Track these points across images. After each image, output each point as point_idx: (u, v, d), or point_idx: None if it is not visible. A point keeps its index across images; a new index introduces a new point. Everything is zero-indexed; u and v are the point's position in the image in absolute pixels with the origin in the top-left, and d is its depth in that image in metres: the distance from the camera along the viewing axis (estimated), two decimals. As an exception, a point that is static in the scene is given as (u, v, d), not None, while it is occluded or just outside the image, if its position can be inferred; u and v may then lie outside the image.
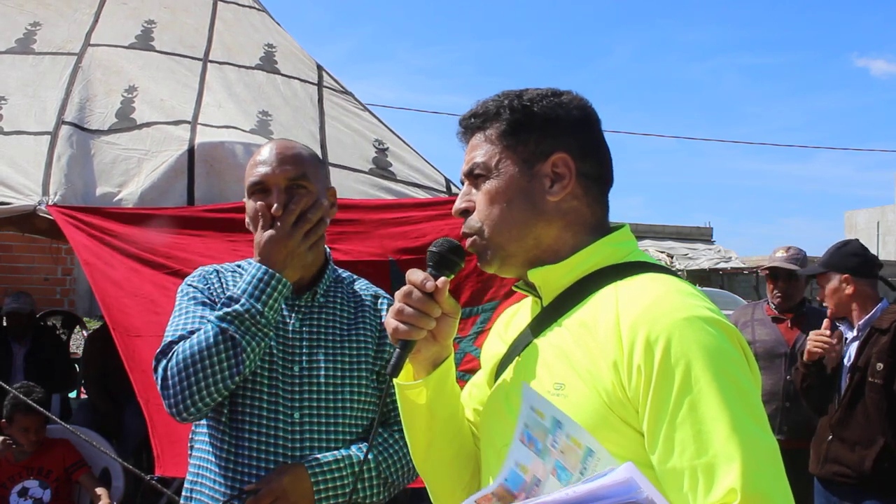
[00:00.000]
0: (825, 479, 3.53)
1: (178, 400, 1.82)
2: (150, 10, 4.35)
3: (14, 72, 3.84)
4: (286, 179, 1.95)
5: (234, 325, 1.82)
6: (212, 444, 1.95)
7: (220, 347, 1.81)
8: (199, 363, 1.81)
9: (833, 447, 3.46)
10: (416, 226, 3.50)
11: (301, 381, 1.95)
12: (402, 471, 2.01)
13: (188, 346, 1.82)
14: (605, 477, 1.05)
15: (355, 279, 2.16)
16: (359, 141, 4.03)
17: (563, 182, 1.33)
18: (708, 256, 21.84)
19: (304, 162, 2.01)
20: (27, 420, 4.03)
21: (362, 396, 2.00)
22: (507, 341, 1.45)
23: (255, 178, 1.96)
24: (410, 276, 1.35)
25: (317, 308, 2.03)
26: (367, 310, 2.08)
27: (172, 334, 1.90)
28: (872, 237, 29.73)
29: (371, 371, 2.02)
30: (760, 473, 1.10)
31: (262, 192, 1.95)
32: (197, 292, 1.99)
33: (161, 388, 1.85)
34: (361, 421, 2.00)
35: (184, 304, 1.98)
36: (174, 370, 1.82)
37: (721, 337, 1.17)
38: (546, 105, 1.36)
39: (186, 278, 2.05)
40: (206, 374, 1.81)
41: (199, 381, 1.81)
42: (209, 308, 1.95)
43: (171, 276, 3.07)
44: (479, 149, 1.37)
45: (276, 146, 2.03)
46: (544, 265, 1.34)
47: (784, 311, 4.34)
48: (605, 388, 1.19)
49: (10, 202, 3.26)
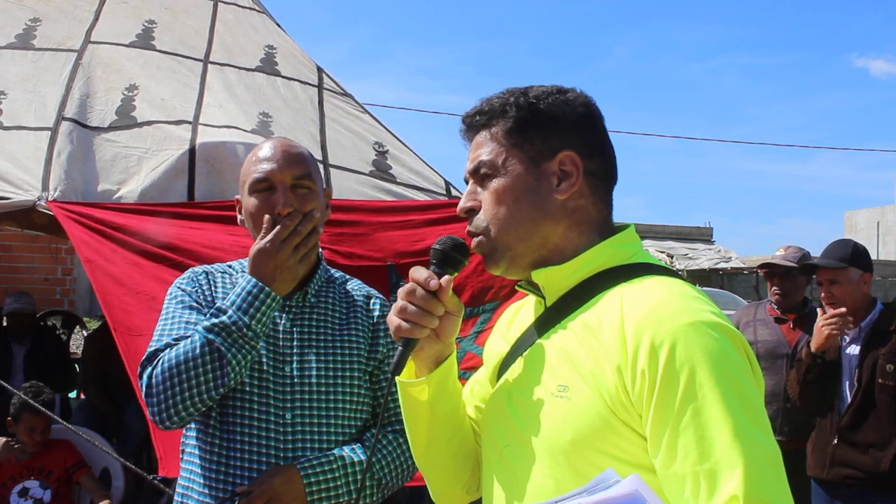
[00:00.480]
0: (830, 483, 3.51)
1: (161, 409, 1.82)
2: (150, 10, 4.34)
3: (14, 66, 3.82)
4: (292, 178, 1.95)
5: (220, 337, 1.81)
6: (203, 445, 1.93)
7: (206, 359, 1.80)
8: (184, 373, 1.80)
9: (840, 450, 3.44)
10: (416, 230, 3.50)
11: (293, 382, 1.93)
12: (396, 472, 2.00)
13: (173, 356, 1.81)
14: (611, 489, 1.04)
15: (348, 279, 2.14)
16: (359, 143, 4.02)
17: (571, 180, 1.32)
18: (708, 256, 21.84)
19: (307, 161, 2.01)
20: (35, 420, 4.03)
21: (354, 397, 1.99)
22: (510, 340, 1.44)
23: (260, 174, 1.95)
24: (414, 273, 1.35)
25: (308, 308, 2.01)
26: (360, 310, 2.06)
27: (158, 341, 1.89)
28: (872, 237, 29.74)
29: (363, 371, 2.01)
30: (763, 480, 1.10)
31: (267, 191, 1.94)
32: (185, 295, 1.97)
33: (145, 396, 1.85)
34: (354, 421, 1.99)
35: (171, 309, 1.96)
36: (158, 378, 1.81)
37: (725, 342, 1.17)
38: (552, 102, 1.35)
39: (176, 280, 2.04)
40: (191, 385, 1.80)
41: (182, 392, 1.80)
42: (197, 312, 1.93)
43: (174, 268, 3.06)
44: (485, 147, 1.36)
45: (279, 144, 2.02)
46: (549, 265, 1.33)
47: (785, 310, 4.34)
48: (608, 391, 1.19)
49: (9, 197, 3.24)
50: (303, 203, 1.94)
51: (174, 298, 1.98)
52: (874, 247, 29.28)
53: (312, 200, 1.97)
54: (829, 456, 3.49)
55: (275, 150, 1.98)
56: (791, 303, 4.33)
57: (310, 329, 1.99)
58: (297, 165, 1.97)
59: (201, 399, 1.82)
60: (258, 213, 1.93)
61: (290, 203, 1.92)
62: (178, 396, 1.80)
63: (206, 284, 2.00)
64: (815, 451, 3.61)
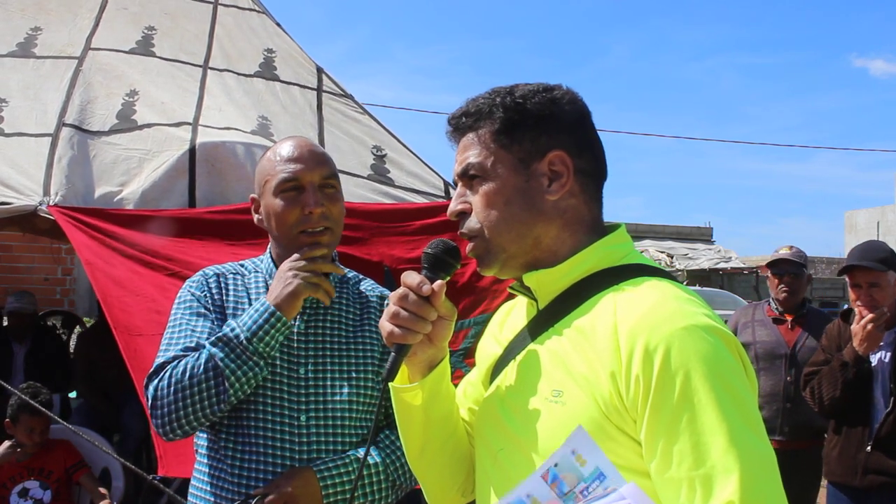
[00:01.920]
0: (862, 490, 3.43)
1: (165, 421, 1.84)
2: (150, 16, 4.36)
3: (15, 74, 3.84)
4: (321, 178, 1.94)
5: (226, 357, 1.82)
6: (217, 448, 1.93)
7: (210, 375, 1.81)
8: (189, 389, 1.81)
9: (874, 458, 3.37)
10: (414, 236, 3.51)
11: (307, 384, 1.92)
12: (410, 473, 1.97)
13: (179, 371, 1.83)
14: (607, 498, 1.05)
15: (361, 279, 2.13)
16: (357, 148, 4.03)
17: (562, 180, 1.31)
18: (708, 256, 21.85)
19: (331, 161, 2.01)
20: (33, 421, 4.03)
21: (369, 398, 1.98)
22: (503, 342, 1.44)
23: (288, 174, 1.92)
24: (406, 279, 1.33)
25: (322, 309, 1.99)
26: (373, 310, 2.05)
27: (165, 352, 1.90)
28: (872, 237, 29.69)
29: (377, 373, 1.99)
30: (758, 486, 1.10)
31: (295, 190, 1.92)
32: (194, 300, 1.97)
33: (150, 408, 1.87)
34: (368, 423, 1.98)
35: (179, 315, 1.96)
36: (164, 392, 1.83)
37: (719, 346, 1.17)
38: (539, 101, 1.33)
39: (187, 281, 2.04)
40: (195, 401, 1.82)
41: (186, 407, 1.82)
42: (204, 319, 1.93)
43: (171, 277, 3.07)
44: (472, 149, 1.35)
45: (303, 143, 2.00)
46: (542, 267, 1.33)
47: (787, 309, 4.33)
48: (602, 396, 1.19)
49: (11, 202, 3.26)
50: (331, 202, 1.94)
51: (183, 303, 1.98)
52: (874, 247, 29.15)
53: (339, 200, 1.98)
54: (860, 463, 3.41)
55: (300, 149, 1.96)
56: (795, 301, 4.32)
57: (324, 331, 1.98)
58: (325, 165, 1.96)
59: (204, 415, 1.83)
60: (286, 214, 1.92)
61: (320, 203, 1.91)
62: (182, 411, 1.82)
63: (215, 288, 1.99)
64: (841, 458, 3.52)
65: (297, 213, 1.92)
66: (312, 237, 1.93)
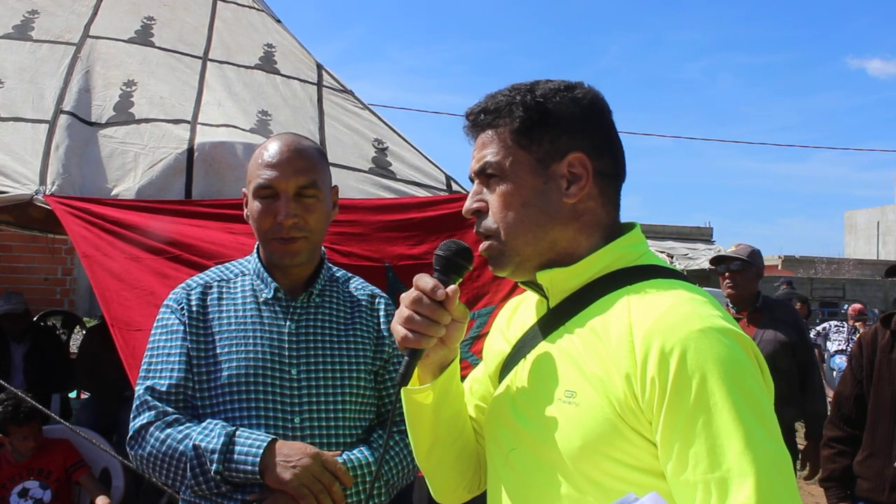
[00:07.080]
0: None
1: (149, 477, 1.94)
2: (149, 6, 4.33)
3: (11, 56, 3.80)
4: (296, 187, 1.91)
5: (199, 477, 1.83)
6: None
7: (186, 466, 1.82)
8: (166, 466, 1.84)
9: None
10: (415, 231, 3.49)
11: (300, 385, 1.91)
12: (403, 472, 1.99)
13: (157, 449, 1.83)
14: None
15: (350, 277, 2.12)
16: (358, 141, 4.01)
17: (580, 183, 1.29)
18: (708, 256, 21.81)
19: (314, 167, 1.96)
20: (22, 430, 4.06)
21: (361, 398, 1.97)
22: (511, 340, 1.42)
23: (263, 181, 1.91)
24: (419, 282, 1.31)
25: (312, 309, 1.99)
26: (364, 309, 2.04)
27: (143, 380, 1.91)
28: (872, 237, 29.75)
29: (369, 372, 1.99)
30: (773, 489, 1.09)
31: (270, 197, 1.92)
32: (173, 318, 1.94)
33: (132, 461, 1.92)
34: (361, 423, 1.98)
35: (156, 339, 1.95)
36: (145, 461, 1.87)
37: (735, 348, 1.15)
38: (560, 101, 1.30)
39: (170, 294, 2.01)
40: (169, 476, 1.85)
41: (161, 477, 1.88)
42: (181, 338, 1.91)
43: (172, 261, 3.05)
44: (490, 147, 1.32)
45: (287, 145, 1.96)
46: (556, 267, 1.31)
47: (737, 305, 4.46)
48: (616, 397, 1.18)
49: (6, 191, 3.23)
50: (307, 212, 1.92)
51: (160, 324, 1.96)
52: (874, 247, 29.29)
53: (318, 209, 1.94)
54: (888, 479, 3.32)
55: (282, 154, 1.93)
56: (742, 296, 4.43)
57: (315, 331, 1.97)
58: (303, 174, 1.92)
59: (176, 488, 1.88)
60: (260, 219, 1.93)
61: (292, 213, 1.90)
62: (163, 479, 1.88)
63: (196, 302, 1.95)
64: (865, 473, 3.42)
65: (270, 220, 1.92)
66: (285, 245, 1.93)
